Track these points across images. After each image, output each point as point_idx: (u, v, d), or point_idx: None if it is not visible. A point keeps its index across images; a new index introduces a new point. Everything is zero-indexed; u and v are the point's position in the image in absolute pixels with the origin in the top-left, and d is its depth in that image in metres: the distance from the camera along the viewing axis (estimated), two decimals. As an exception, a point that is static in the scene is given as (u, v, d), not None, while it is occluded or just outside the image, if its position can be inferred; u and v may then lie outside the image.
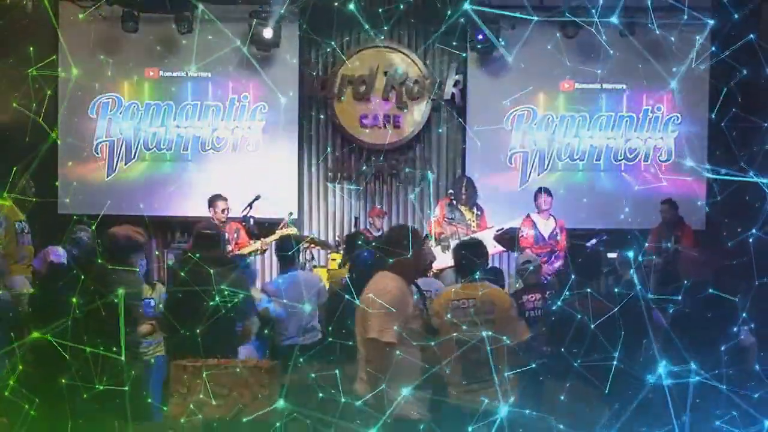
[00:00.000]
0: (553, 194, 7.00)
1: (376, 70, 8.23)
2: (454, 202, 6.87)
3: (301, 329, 4.73)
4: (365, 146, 8.33)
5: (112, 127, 8.20)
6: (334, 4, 5.99)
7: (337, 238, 8.10)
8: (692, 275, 3.86)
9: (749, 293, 3.26)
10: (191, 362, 3.30)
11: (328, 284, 5.65)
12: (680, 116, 8.12)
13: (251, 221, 6.86)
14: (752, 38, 3.88)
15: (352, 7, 3.70)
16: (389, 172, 8.38)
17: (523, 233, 6.84)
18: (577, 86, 8.23)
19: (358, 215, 8.28)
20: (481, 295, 3.52)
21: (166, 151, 8.23)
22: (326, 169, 8.43)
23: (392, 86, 8.25)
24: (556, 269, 6.71)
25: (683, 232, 6.89)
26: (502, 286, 4.83)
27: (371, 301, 3.05)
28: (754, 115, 4.34)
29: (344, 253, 6.21)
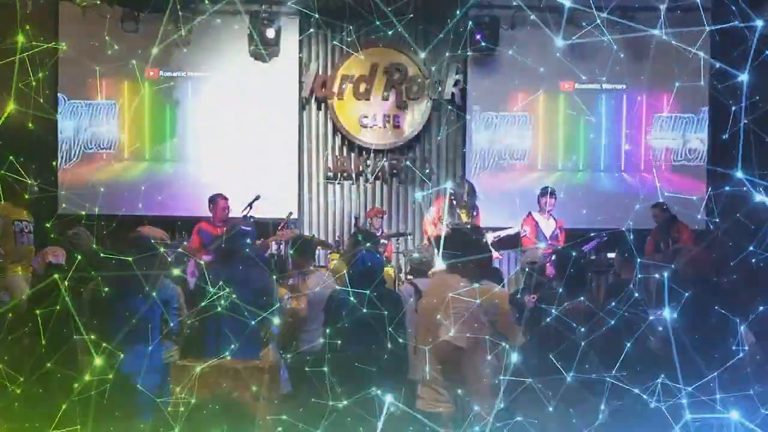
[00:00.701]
0: (556, 195, 6.97)
1: (376, 69, 8.23)
2: (454, 203, 6.77)
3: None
4: (365, 146, 8.33)
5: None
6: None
7: (337, 237, 8.08)
8: (695, 273, 3.82)
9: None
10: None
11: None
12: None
13: (251, 221, 6.84)
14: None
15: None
16: (389, 172, 8.37)
17: (525, 232, 6.80)
18: (577, 86, 8.22)
19: (357, 215, 8.27)
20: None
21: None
22: (326, 168, 8.42)
23: (392, 86, 8.24)
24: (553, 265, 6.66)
25: (680, 231, 6.84)
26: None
27: (447, 303, 2.98)
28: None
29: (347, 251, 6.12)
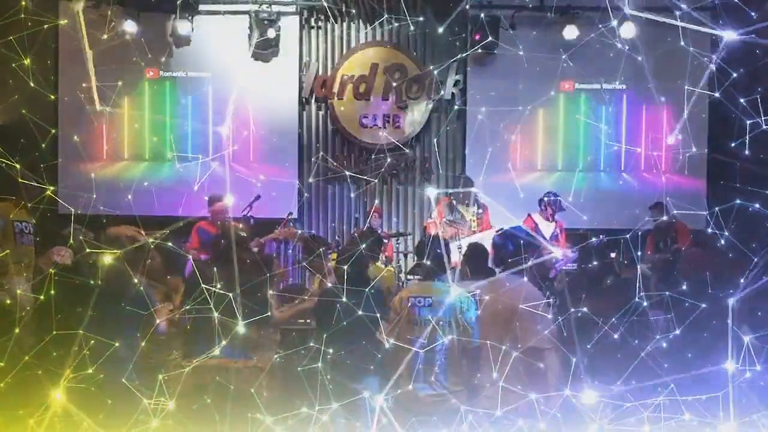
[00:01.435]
0: (558, 206, 6.91)
1: (376, 69, 8.23)
2: (453, 202, 6.78)
3: None
4: (365, 146, 8.33)
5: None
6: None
7: (337, 237, 8.08)
8: (694, 272, 3.81)
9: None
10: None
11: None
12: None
13: (251, 221, 6.84)
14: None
15: None
16: (389, 171, 8.37)
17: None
18: (577, 86, 8.21)
19: (358, 215, 8.27)
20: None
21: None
22: (326, 168, 8.42)
23: (392, 86, 8.24)
24: (558, 271, 6.67)
25: (678, 231, 6.84)
26: None
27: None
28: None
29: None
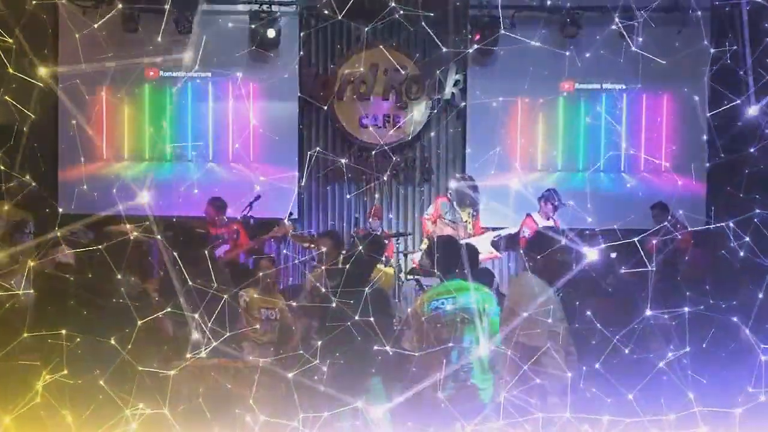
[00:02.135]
0: (558, 203, 6.91)
1: (376, 70, 8.22)
2: (453, 203, 6.71)
3: None
4: (365, 146, 8.32)
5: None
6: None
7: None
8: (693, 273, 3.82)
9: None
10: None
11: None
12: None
13: (251, 221, 6.84)
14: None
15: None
16: (389, 172, 8.36)
17: (524, 233, 6.78)
18: (577, 86, 8.21)
19: (357, 215, 8.27)
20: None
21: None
22: (326, 168, 8.42)
23: (392, 86, 8.23)
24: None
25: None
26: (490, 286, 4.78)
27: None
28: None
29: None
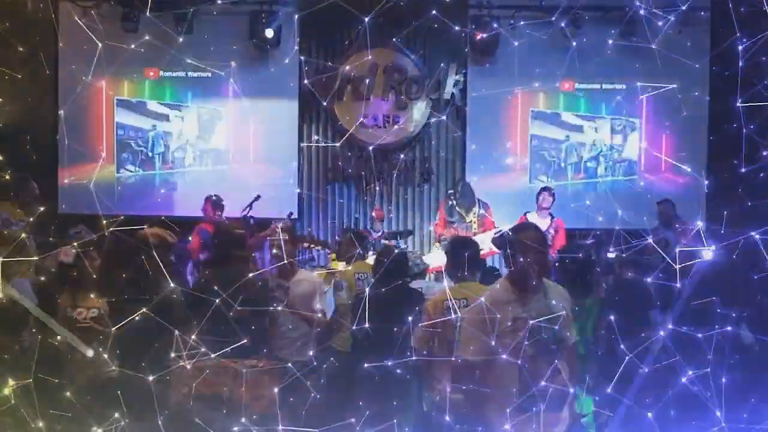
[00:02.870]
0: (555, 194, 6.97)
1: (376, 69, 8.23)
2: (453, 204, 6.77)
3: None
4: (365, 146, 8.33)
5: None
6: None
7: (336, 237, 8.08)
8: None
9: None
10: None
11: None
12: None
13: (251, 221, 6.83)
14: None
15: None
16: (389, 172, 8.37)
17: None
18: (577, 86, 8.22)
19: (358, 215, 8.27)
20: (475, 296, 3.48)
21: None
22: (326, 168, 8.43)
23: (392, 86, 8.24)
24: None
25: (683, 233, 6.86)
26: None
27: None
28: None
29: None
